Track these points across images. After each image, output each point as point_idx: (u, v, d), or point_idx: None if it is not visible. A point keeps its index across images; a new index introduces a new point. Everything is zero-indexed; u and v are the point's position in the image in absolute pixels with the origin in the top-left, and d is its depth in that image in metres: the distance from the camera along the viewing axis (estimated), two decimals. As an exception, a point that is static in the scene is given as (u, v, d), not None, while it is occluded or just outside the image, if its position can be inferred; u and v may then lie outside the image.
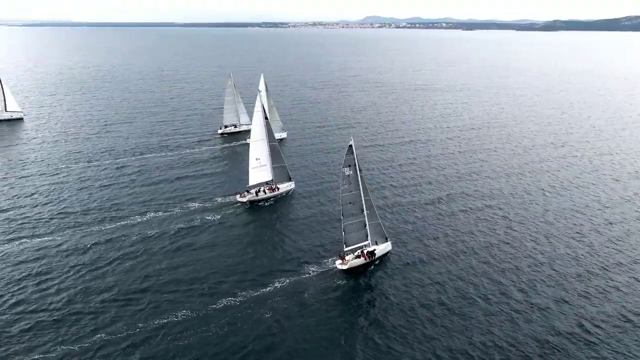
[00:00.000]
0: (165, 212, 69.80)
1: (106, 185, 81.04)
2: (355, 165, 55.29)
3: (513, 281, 52.82)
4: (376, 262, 55.78)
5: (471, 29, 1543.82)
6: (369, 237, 56.26)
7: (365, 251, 55.25)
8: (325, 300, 48.70)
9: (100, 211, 70.26)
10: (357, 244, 55.63)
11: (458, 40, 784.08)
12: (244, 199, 73.95)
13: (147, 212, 69.77)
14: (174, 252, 58.28)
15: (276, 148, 78.12)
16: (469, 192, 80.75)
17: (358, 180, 55.61)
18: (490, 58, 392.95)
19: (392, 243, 59.05)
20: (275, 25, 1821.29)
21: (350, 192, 55.18)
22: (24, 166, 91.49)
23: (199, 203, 73.02)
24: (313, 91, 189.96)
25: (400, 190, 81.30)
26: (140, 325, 44.39)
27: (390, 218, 69.24)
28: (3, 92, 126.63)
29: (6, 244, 60.06)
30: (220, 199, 74.99)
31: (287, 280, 51.86)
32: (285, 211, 72.27)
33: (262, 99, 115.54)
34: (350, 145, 55.03)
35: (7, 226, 65.32)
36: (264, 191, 75.81)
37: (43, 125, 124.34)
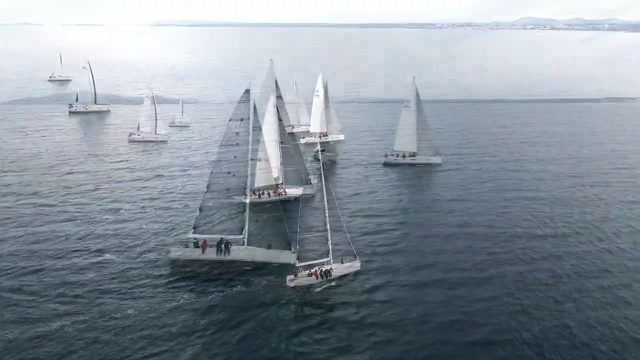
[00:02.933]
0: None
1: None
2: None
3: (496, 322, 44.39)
4: (332, 282, 50.28)
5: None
6: (330, 254, 51.20)
7: (318, 270, 50.15)
8: (256, 316, 45.02)
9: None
10: (316, 260, 50.78)
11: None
12: (247, 200, 72.11)
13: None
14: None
15: (289, 150, 75.29)
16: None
17: (323, 191, 50.98)
18: None
19: (361, 262, 52.89)
20: (420, 26, 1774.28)
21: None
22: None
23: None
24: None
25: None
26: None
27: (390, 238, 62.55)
28: (94, 85, 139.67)
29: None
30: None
31: (229, 291, 49.01)
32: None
33: (319, 100, 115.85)
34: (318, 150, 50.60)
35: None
36: (268, 194, 73.26)
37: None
